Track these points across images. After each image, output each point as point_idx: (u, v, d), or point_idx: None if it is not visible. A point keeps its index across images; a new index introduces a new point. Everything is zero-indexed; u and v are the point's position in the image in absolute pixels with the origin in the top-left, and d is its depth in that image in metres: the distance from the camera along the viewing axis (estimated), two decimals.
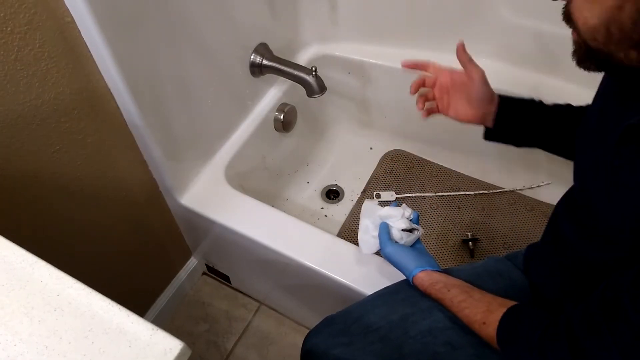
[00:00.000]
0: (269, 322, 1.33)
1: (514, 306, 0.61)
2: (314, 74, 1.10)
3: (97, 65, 0.78)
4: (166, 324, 1.32)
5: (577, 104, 0.76)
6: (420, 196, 1.40)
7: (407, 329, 0.73)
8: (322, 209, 1.43)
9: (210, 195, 1.06)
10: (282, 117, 1.26)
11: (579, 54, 0.50)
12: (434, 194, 1.40)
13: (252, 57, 1.12)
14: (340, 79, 1.40)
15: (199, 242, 1.25)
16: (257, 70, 1.15)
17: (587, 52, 0.49)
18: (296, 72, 1.11)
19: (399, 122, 1.47)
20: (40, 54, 0.69)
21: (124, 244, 1.06)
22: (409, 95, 1.36)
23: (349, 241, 0.97)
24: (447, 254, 1.28)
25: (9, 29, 0.63)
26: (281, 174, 1.41)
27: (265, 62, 1.13)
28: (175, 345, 0.45)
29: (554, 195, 0.75)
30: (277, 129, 1.29)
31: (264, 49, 1.14)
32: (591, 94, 0.64)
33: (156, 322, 1.15)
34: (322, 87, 1.12)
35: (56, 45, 0.70)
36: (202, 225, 1.10)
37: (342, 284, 0.91)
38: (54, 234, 0.86)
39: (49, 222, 0.84)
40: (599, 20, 0.45)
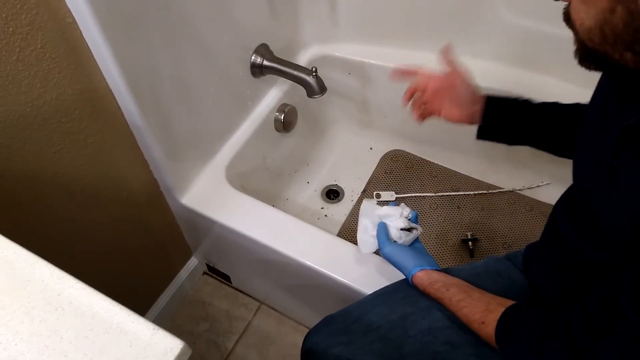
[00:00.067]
0: (269, 322, 1.33)
1: (512, 306, 0.61)
2: (314, 74, 1.10)
3: (98, 65, 0.78)
4: (167, 323, 1.32)
5: (573, 103, 0.77)
6: (420, 196, 1.40)
7: (407, 328, 0.73)
8: (322, 208, 1.43)
9: (210, 195, 1.07)
10: (282, 118, 1.26)
11: (579, 54, 0.50)
12: (433, 194, 1.40)
13: (253, 57, 1.12)
14: (340, 80, 1.40)
15: (199, 241, 1.25)
16: (257, 70, 1.15)
17: (585, 52, 0.49)
18: (296, 72, 1.11)
19: (399, 122, 1.47)
20: (41, 55, 0.69)
21: (125, 243, 1.06)
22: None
23: (349, 241, 0.97)
24: (447, 254, 1.28)
25: (11, 29, 0.64)
26: (281, 174, 1.42)
27: (265, 62, 1.13)
28: (175, 344, 0.45)
29: (553, 195, 0.75)
30: (277, 129, 1.30)
31: (264, 50, 1.14)
32: (590, 93, 0.64)
33: (157, 321, 1.16)
34: (322, 88, 1.12)
35: (58, 45, 0.71)
36: (202, 225, 1.10)
37: (342, 284, 0.91)
38: (55, 233, 0.87)
39: (50, 222, 0.84)
40: (593, 22, 0.45)
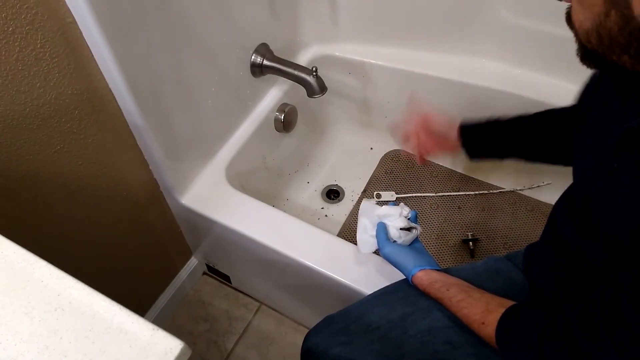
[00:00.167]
0: (269, 322, 1.33)
1: (513, 306, 0.61)
2: (314, 74, 1.10)
3: (98, 65, 0.78)
4: (167, 323, 1.32)
5: (542, 112, 0.82)
6: (420, 196, 1.40)
7: (407, 328, 0.73)
8: (322, 209, 1.43)
9: (210, 195, 1.06)
10: (282, 117, 1.26)
11: (580, 54, 0.51)
12: (434, 194, 1.40)
13: (253, 57, 1.12)
14: (340, 79, 1.40)
15: (199, 242, 1.25)
16: (257, 70, 1.15)
17: (585, 53, 0.50)
18: (297, 72, 1.11)
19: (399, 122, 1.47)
20: (41, 55, 0.69)
21: (125, 243, 1.06)
22: (409, 95, 1.38)
23: (349, 241, 0.97)
24: (448, 254, 1.28)
25: (11, 29, 0.64)
26: (281, 174, 1.42)
27: (265, 62, 1.13)
28: (175, 345, 0.45)
29: (554, 195, 0.75)
30: (277, 129, 1.30)
31: (264, 50, 1.14)
32: None
33: (157, 321, 1.16)
34: (322, 88, 1.12)
35: (57, 45, 0.71)
36: (202, 225, 1.10)
37: (342, 284, 0.91)
38: (55, 233, 0.87)
39: (50, 222, 0.84)
40: (591, 24, 0.46)
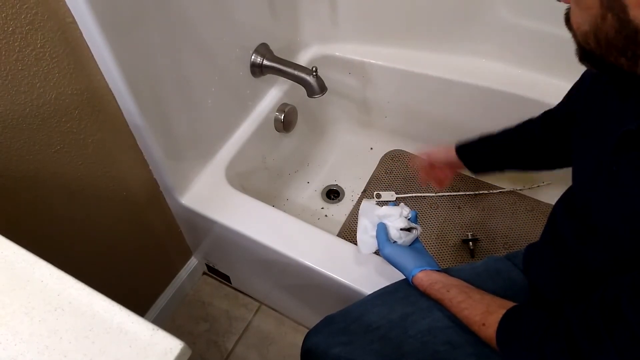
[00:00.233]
0: (269, 322, 1.33)
1: (513, 307, 0.61)
2: (314, 74, 1.10)
3: (98, 65, 0.78)
4: (167, 323, 1.32)
5: (524, 121, 0.87)
6: (420, 196, 1.40)
7: (407, 328, 0.73)
8: (322, 209, 1.43)
9: (210, 195, 1.06)
10: (282, 117, 1.26)
11: (579, 54, 0.51)
12: (434, 194, 1.40)
13: (253, 57, 1.12)
14: (340, 79, 1.40)
15: (199, 242, 1.25)
16: (257, 70, 1.15)
17: (584, 54, 0.50)
18: (297, 72, 1.11)
19: (399, 122, 1.47)
20: (41, 54, 0.69)
21: (125, 243, 1.06)
22: (410, 96, 1.39)
23: (349, 241, 0.97)
24: (447, 254, 1.28)
25: (10, 29, 0.64)
26: (281, 174, 1.42)
27: (265, 62, 1.13)
28: (175, 345, 0.45)
29: (554, 195, 0.75)
30: (277, 129, 1.30)
31: (264, 50, 1.14)
32: None
33: (157, 321, 1.16)
34: (322, 88, 1.12)
35: (57, 45, 0.71)
36: (202, 225, 1.10)
37: (342, 284, 0.91)
38: (55, 233, 0.86)
39: (50, 222, 0.84)
40: (589, 27, 0.46)
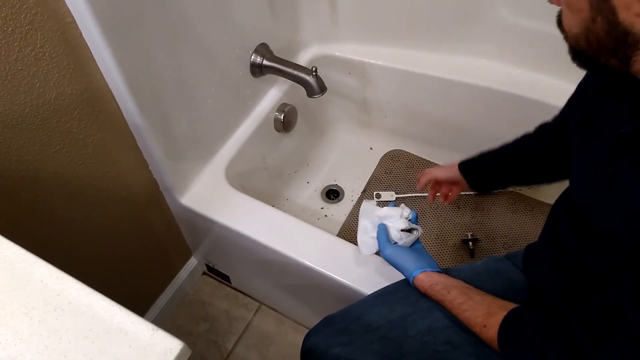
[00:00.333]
0: (269, 322, 1.33)
1: (514, 309, 0.61)
2: (314, 74, 1.10)
3: (97, 65, 0.78)
4: (167, 323, 1.32)
5: (520, 137, 0.87)
6: (420, 196, 1.40)
7: (407, 328, 0.73)
8: (322, 209, 1.43)
9: (210, 195, 1.06)
10: (282, 117, 1.26)
11: (571, 54, 0.52)
12: None
13: (253, 57, 1.12)
14: (340, 79, 1.40)
15: (199, 242, 1.25)
16: (257, 70, 1.15)
17: (576, 54, 0.51)
18: (296, 72, 1.11)
19: (399, 122, 1.47)
20: (41, 54, 0.69)
21: (125, 243, 1.06)
22: (410, 96, 1.38)
23: (349, 241, 0.97)
24: (447, 254, 1.28)
25: (10, 29, 0.64)
26: (281, 174, 1.42)
27: (265, 62, 1.13)
28: (175, 345, 0.45)
29: (554, 195, 0.75)
30: (277, 129, 1.30)
31: (264, 49, 1.14)
32: None
33: (156, 321, 1.16)
34: (322, 88, 1.12)
35: (57, 45, 0.70)
36: (202, 225, 1.10)
37: (342, 284, 0.91)
38: (55, 233, 0.86)
39: (50, 222, 0.84)
40: (579, 29, 0.47)
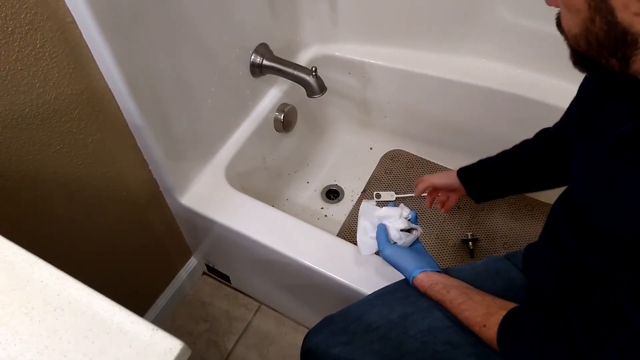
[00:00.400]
0: (269, 322, 1.33)
1: (514, 308, 0.61)
2: (314, 74, 1.10)
3: (97, 65, 0.78)
4: (166, 323, 1.32)
5: (519, 144, 0.88)
6: (420, 196, 1.40)
7: (407, 328, 0.73)
8: (322, 209, 1.43)
9: (210, 195, 1.06)
10: (282, 117, 1.26)
11: (572, 58, 0.51)
12: None
13: (253, 57, 1.12)
14: (340, 79, 1.40)
15: (199, 242, 1.25)
16: (257, 70, 1.15)
17: (576, 57, 0.50)
18: (296, 72, 1.11)
19: (399, 122, 1.47)
20: (41, 54, 0.69)
21: (125, 243, 1.06)
22: (410, 96, 1.38)
23: (349, 241, 0.97)
24: (447, 254, 1.28)
25: (10, 29, 0.64)
26: (281, 174, 1.42)
27: (265, 62, 1.13)
28: (175, 345, 0.45)
29: (554, 195, 0.75)
30: (277, 129, 1.30)
31: (264, 50, 1.14)
32: None
33: (156, 321, 1.16)
34: (322, 88, 1.12)
35: (57, 45, 0.70)
36: (202, 225, 1.10)
37: (342, 284, 0.91)
38: (55, 233, 0.86)
39: (50, 222, 0.84)
40: (579, 30, 0.46)
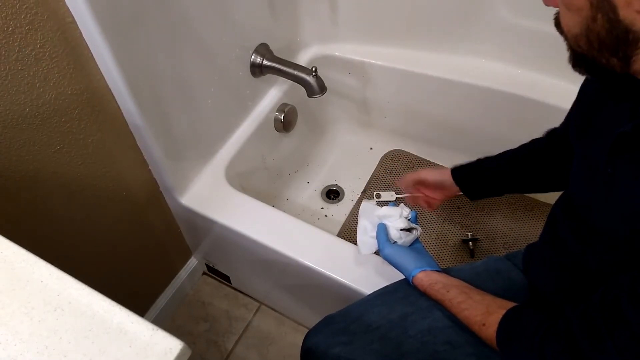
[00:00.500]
0: (269, 322, 1.33)
1: (513, 308, 0.61)
2: (314, 74, 1.10)
3: (97, 65, 0.78)
4: (166, 323, 1.32)
5: (522, 145, 0.87)
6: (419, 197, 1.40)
7: (407, 328, 0.73)
8: (322, 209, 1.43)
9: (210, 195, 1.06)
10: (282, 117, 1.26)
11: (572, 59, 0.51)
12: None
13: (253, 57, 1.12)
14: (340, 79, 1.40)
15: (199, 242, 1.25)
16: (257, 70, 1.15)
17: (576, 57, 0.50)
18: (296, 72, 1.11)
19: (399, 122, 1.47)
20: (41, 54, 0.69)
21: (125, 243, 1.06)
22: (410, 96, 1.38)
23: (349, 241, 0.97)
24: (447, 254, 1.28)
25: (10, 29, 0.64)
26: (281, 174, 1.42)
27: (265, 62, 1.13)
28: (175, 345, 0.45)
29: (553, 195, 0.75)
30: (277, 129, 1.30)
31: (264, 49, 1.14)
32: None
33: (156, 321, 1.16)
34: (322, 88, 1.12)
35: (57, 45, 0.71)
36: (202, 225, 1.10)
37: (342, 284, 0.91)
38: (55, 233, 0.86)
39: (50, 222, 0.84)
40: (579, 29, 0.46)
